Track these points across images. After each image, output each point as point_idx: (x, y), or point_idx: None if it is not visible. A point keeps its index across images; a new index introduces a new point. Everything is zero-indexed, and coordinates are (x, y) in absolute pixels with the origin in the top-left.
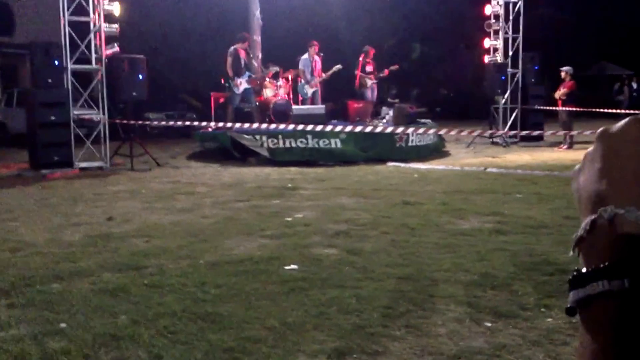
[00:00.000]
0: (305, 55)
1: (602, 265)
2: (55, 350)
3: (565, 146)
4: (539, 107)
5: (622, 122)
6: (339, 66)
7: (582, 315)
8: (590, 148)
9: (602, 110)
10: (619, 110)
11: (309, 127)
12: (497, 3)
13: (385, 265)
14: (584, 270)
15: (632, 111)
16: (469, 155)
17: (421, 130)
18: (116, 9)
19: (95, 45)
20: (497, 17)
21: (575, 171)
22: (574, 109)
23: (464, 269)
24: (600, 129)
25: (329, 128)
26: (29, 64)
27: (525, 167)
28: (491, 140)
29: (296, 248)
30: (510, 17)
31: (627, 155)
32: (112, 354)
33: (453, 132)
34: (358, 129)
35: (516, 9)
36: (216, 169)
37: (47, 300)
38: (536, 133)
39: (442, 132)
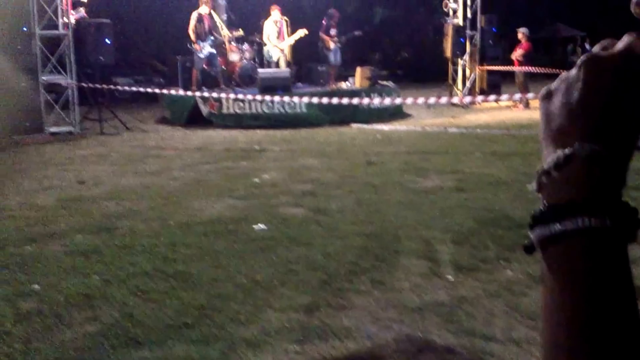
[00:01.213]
0: (270, 19)
1: (581, 200)
2: (28, 310)
3: (522, 106)
4: (496, 68)
5: (621, 43)
6: (304, 30)
7: (549, 254)
8: (571, 71)
9: (557, 71)
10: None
11: (277, 98)
12: None
13: (350, 223)
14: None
15: None
16: (430, 116)
17: (387, 101)
18: None
19: (62, 10)
20: None
21: (547, 92)
22: (530, 69)
23: (427, 225)
24: (590, 53)
25: (295, 99)
26: None
27: (484, 127)
28: (450, 101)
29: (264, 208)
30: None
31: (609, 90)
32: (84, 313)
33: (408, 100)
34: (324, 100)
35: None
36: (184, 132)
37: (20, 262)
38: (493, 98)
39: (400, 100)
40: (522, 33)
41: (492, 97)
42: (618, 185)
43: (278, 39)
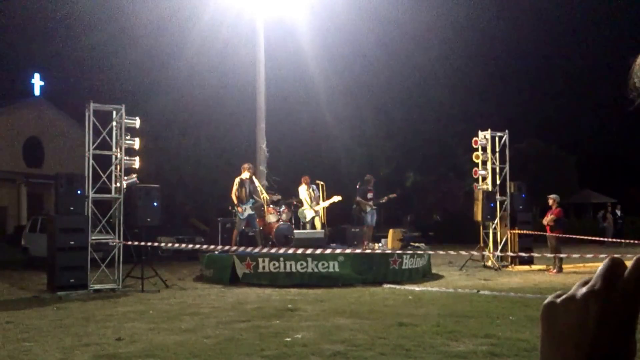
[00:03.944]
0: (304, 186)
1: None
2: None
3: (555, 270)
4: (527, 232)
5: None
6: (338, 197)
7: None
8: (579, 291)
9: (587, 237)
10: (604, 239)
11: (309, 251)
12: (484, 136)
13: None
14: None
15: (615, 239)
16: (462, 277)
17: (418, 252)
18: (136, 144)
19: (116, 176)
20: (484, 148)
21: (550, 308)
22: (561, 235)
23: None
24: (601, 285)
25: (328, 251)
26: (54, 192)
27: (517, 290)
28: (483, 263)
29: None
30: (497, 149)
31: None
32: None
33: (441, 252)
34: (357, 251)
35: (502, 141)
36: (220, 290)
37: None
38: (525, 255)
39: (431, 252)
40: (552, 199)
41: (524, 260)
42: None
43: (312, 201)
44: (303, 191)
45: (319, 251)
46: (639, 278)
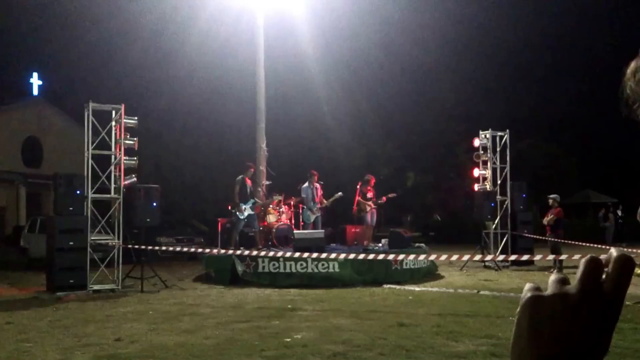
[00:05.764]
0: (306, 184)
1: None
2: None
3: (556, 270)
4: (527, 234)
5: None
6: (340, 194)
7: None
8: (570, 290)
9: (588, 244)
10: (603, 246)
11: (314, 255)
12: (485, 136)
13: None
14: None
15: (615, 247)
16: (462, 278)
17: (422, 257)
18: (136, 144)
19: (115, 176)
20: (485, 148)
21: (536, 300)
22: (561, 240)
23: None
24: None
25: (332, 255)
26: (53, 193)
27: (518, 291)
28: (483, 263)
29: None
30: (498, 149)
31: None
32: None
33: (443, 257)
34: (360, 256)
35: (502, 141)
36: (220, 290)
37: None
38: (526, 257)
39: (434, 257)
40: (552, 199)
41: (525, 260)
42: None
43: (314, 201)
44: (306, 189)
45: (321, 258)
46: (620, 277)
